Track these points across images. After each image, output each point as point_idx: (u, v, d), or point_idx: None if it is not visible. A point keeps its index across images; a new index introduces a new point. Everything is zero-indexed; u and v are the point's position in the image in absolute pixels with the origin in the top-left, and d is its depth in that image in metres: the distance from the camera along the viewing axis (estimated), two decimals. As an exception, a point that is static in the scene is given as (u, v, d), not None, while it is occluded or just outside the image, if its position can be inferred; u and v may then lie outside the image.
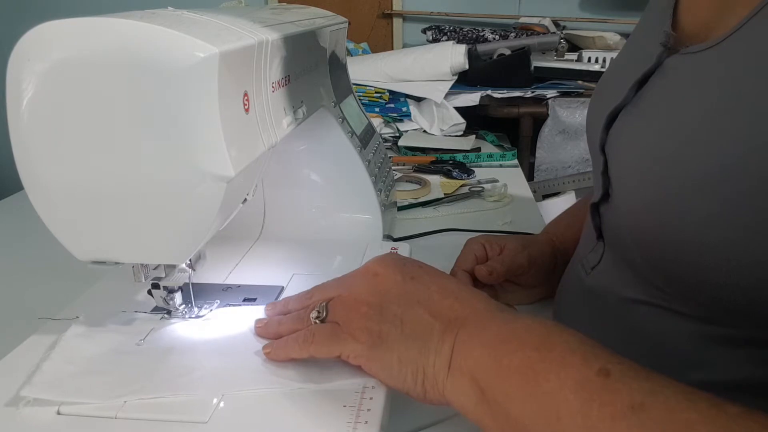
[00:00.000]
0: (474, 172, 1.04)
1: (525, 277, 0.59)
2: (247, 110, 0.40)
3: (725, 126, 0.34)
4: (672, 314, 0.39)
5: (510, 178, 1.01)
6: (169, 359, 0.42)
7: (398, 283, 0.40)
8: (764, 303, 0.33)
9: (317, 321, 0.41)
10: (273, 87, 0.45)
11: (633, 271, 0.42)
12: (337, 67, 0.70)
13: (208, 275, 0.54)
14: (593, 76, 1.52)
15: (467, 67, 1.51)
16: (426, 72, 1.48)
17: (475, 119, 1.43)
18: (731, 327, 0.36)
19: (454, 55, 1.49)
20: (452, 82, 1.48)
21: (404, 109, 1.41)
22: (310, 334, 0.41)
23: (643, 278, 0.41)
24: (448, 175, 1.03)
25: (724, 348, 0.37)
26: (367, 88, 1.45)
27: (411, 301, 0.39)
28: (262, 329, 0.45)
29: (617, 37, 1.70)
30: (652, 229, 0.38)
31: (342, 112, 0.68)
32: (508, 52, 1.56)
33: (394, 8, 2.38)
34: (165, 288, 0.46)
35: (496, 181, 0.99)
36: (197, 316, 0.48)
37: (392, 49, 2.29)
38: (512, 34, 1.71)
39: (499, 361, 0.34)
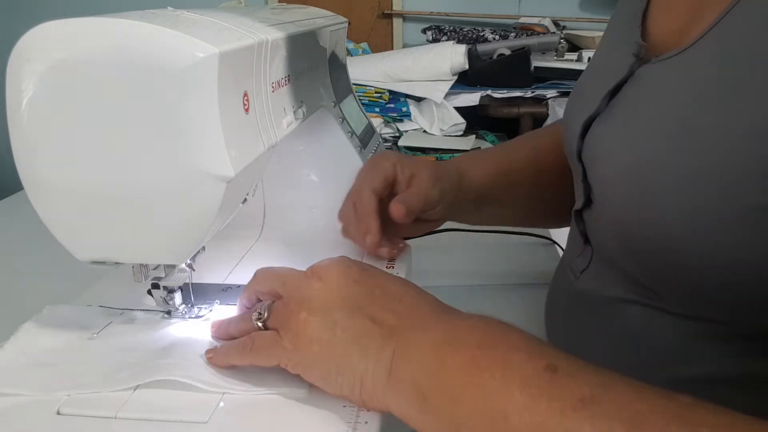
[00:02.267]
0: (474, 172, 1.04)
1: (431, 213, 0.56)
2: (246, 110, 0.40)
3: (697, 130, 0.34)
4: (662, 313, 0.40)
5: (510, 178, 1.00)
6: (115, 354, 0.42)
7: (340, 287, 0.38)
8: (749, 297, 0.34)
9: (259, 323, 0.40)
10: (273, 87, 0.45)
11: (621, 272, 0.42)
12: (337, 67, 0.70)
13: (208, 275, 0.54)
14: (593, 76, 1.52)
15: (467, 67, 1.51)
16: (426, 72, 1.48)
17: (475, 119, 1.43)
18: (720, 322, 0.37)
19: (454, 55, 1.49)
20: (452, 82, 1.48)
21: (404, 109, 1.41)
22: (249, 341, 0.39)
23: (632, 279, 0.41)
24: (448, 175, 1.03)
25: (714, 343, 0.38)
26: (367, 88, 1.45)
27: (352, 307, 0.37)
28: (216, 331, 0.44)
29: (617, 37, 1.70)
30: (636, 233, 0.38)
31: (342, 112, 0.68)
32: (508, 52, 1.56)
33: (394, 8, 2.38)
34: (165, 288, 0.46)
35: (496, 181, 0.99)
36: (197, 317, 0.48)
37: (392, 49, 2.29)
38: (512, 34, 1.71)
39: (442, 361, 0.33)
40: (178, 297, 0.47)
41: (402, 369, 0.35)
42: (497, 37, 1.72)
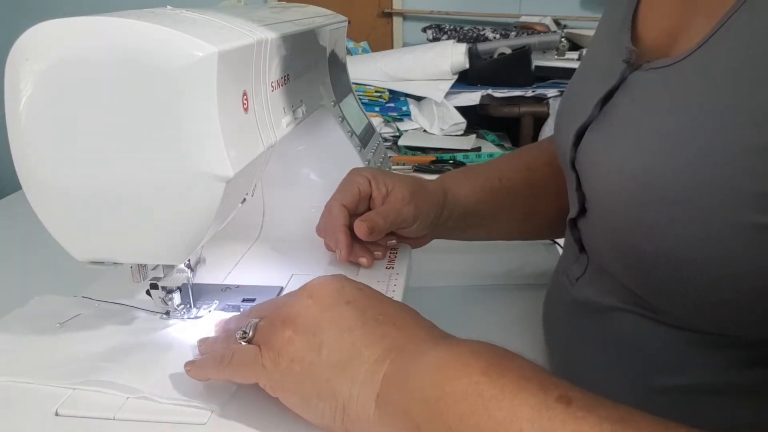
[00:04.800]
0: (474, 171, 1.03)
1: (407, 231, 0.56)
2: (246, 110, 0.40)
3: (688, 144, 0.34)
4: (656, 323, 0.39)
5: (510, 177, 1.00)
6: (67, 347, 0.42)
7: (331, 307, 0.36)
8: (741, 310, 0.34)
9: (242, 342, 0.38)
10: (272, 86, 0.45)
11: (616, 281, 0.42)
12: (336, 67, 0.70)
13: (207, 275, 0.54)
14: (594, 75, 1.52)
15: (467, 66, 1.51)
16: (426, 71, 1.48)
17: (475, 118, 1.43)
18: (712, 333, 0.37)
19: (454, 54, 1.49)
20: (452, 82, 1.48)
21: (404, 108, 1.41)
22: (228, 355, 0.37)
23: (626, 288, 0.41)
24: (448, 174, 1.02)
25: (707, 353, 0.38)
26: (367, 87, 1.45)
27: (341, 328, 0.35)
28: (202, 347, 0.42)
29: (618, 37, 1.70)
30: (629, 243, 0.38)
31: (342, 111, 0.68)
32: (508, 51, 1.56)
33: (394, 7, 2.38)
34: (163, 288, 0.46)
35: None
36: (196, 317, 0.48)
37: (392, 48, 2.28)
38: (513, 33, 1.71)
39: (441, 388, 0.30)
40: (176, 297, 0.47)
41: (392, 396, 0.32)
42: (498, 36, 1.72)
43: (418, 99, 1.46)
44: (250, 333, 0.38)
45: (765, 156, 0.30)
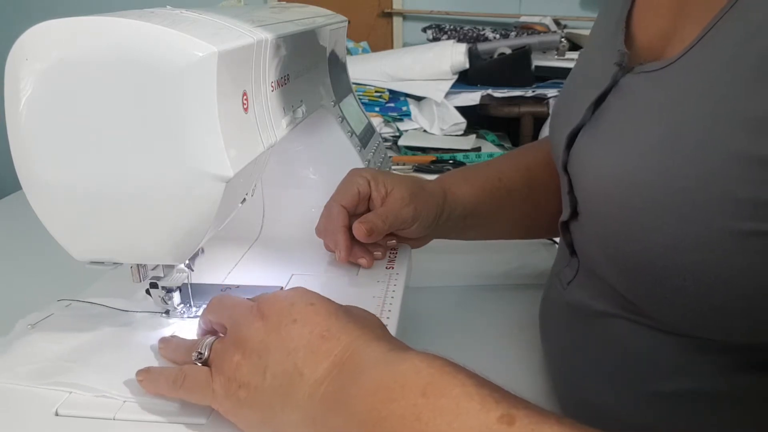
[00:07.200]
0: (474, 171, 1.03)
1: (407, 231, 0.56)
2: (246, 110, 0.40)
3: (677, 149, 0.33)
4: (646, 328, 0.39)
5: (510, 177, 1.00)
6: (31, 347, 0.42)
7: (278, 327, 0.35)
8: (730, 316, 0.33)
9: (198, 363, 0.37)
10: (272, 86, 0.45)
11: (607, 285, 0.42)
12: (336, 66, 0.70)
13: (207, 275, 0.54)
14: (594, 75, 1.52)
15: (467, 66, 1.51)
16: (426, 71, 1.48)
17: (475, 118, 1.43)
18: (706, 338, 0.36)
19: (454, 54, 1.49)
20: (452, 82, 1.47)
21: (404, 108, 1.41)
22: (181, 376, 0.37)
23: (617, 293, 0.41)
24: (448, 174, 1.02)
25: (697, 358, 0.37)
26: (367, 87, 1.45)
27: (285, 350, 0.34)
28: (162, 350, 0.42)
29: (618, 37, 1.69)
30: (620, 248, 0.38)
31: (342, 111, 0.68)
32: (508, 51, 1.56)
33: (394, 7, 2.38)
34: (163, 288, 0.46)
35: (497, 180, 0.99)
36: (195, 316, 0.48)
37: (392, 48, 2.29)
38: (513, 33, 1.71)
39: (378, 412, 0.29)
40: (176, 297, 0.47)
41: (329, 420, 0.31)
42: (498, 36, 1.71)
43: (418, 99, 1.46)
44: (206, 353, 0.37)
45: (752, 164, 0.30)
